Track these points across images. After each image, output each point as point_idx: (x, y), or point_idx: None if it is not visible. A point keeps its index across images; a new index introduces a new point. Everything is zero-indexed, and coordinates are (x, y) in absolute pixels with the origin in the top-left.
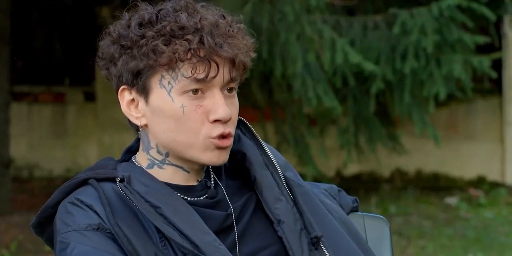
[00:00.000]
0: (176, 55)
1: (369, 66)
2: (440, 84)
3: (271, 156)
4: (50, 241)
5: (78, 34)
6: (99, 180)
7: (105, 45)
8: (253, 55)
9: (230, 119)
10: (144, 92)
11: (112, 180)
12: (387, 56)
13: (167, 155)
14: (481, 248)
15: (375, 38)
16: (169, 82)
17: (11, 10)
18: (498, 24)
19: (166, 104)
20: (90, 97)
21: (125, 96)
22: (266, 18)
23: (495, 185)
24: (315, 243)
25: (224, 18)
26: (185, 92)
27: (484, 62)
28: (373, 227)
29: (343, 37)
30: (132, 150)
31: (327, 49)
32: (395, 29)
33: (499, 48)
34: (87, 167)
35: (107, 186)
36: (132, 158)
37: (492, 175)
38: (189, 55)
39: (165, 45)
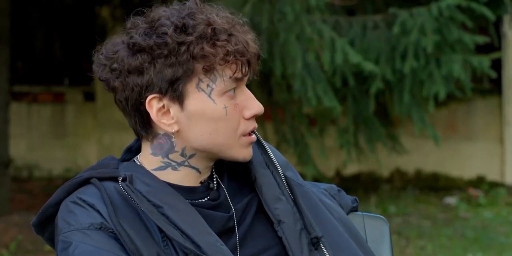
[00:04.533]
0: (217, 57)
1: (368, 66)
2: (440, 84)
3: (271, 155)
4: (51, 241)
5: (78, 34)
6: (101, 179)
7: (125, 55)
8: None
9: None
10: (180, 98)
11: (114, 179)
12: (386, 56)
13: (191, 156)
14: (480, 248)
15: (374, 38)
16: (208, 85)
17: (11, 10)
18: (498, 24)
19: (207, 106)
20: (89, 97)
21: (154, 105)
22: (265, 18)
23: (494, 185)
24: (315, 243)
25: (232, 14)
26: (225, 92)
27: (483, 62)
28: (373, 227)
29: (342, 37)
30: (132, 149)
31: (327, 49)
32: (394, 29)
33: (499, 48)
34: (87, 167)
35: (109, 185)
36: (134, 159)
37: (492, 175)
38: (228, 57)
39: (210, 47)
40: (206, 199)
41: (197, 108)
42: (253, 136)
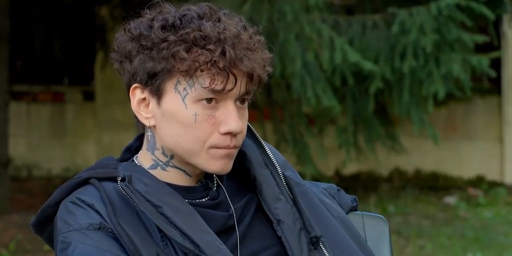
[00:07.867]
0: (196, 64)
1: (368, 65)
2: (439, 84)
3: (270, 155)
4: (50, 241)
5: (78, 33)
6: (100, 179)
7: (123, 40)
8: (270, 69)
9: (241, 132)
10: (158, 93)
11: (114, 179)
12: (386, 55)
13: (171, 157)
14: (480, 247)
15: (374, 37)
16: (184, 89)
17: (11, 9)
18: (497, 23)
19: (179, 109)
20: (89, 96)
21: (137, 94)
22: (265, 17)
23: (494, 185)
24: (314, 243)
25: (246, 29)
26: (200, 100)
27: (483, 62)
28: (373, 227)
29: (342, 36)
30: (132, 149)
31: (326, 48)
32: (394, 28)
33: (498, 47)
34: (86, 166)
35: (109, 185)
36: (134, 158)
37: (491, 175)
38: (209, 65)
39: (186, 52)
40: (205, 199)
41: (170, 108)
42: (228, 151)
